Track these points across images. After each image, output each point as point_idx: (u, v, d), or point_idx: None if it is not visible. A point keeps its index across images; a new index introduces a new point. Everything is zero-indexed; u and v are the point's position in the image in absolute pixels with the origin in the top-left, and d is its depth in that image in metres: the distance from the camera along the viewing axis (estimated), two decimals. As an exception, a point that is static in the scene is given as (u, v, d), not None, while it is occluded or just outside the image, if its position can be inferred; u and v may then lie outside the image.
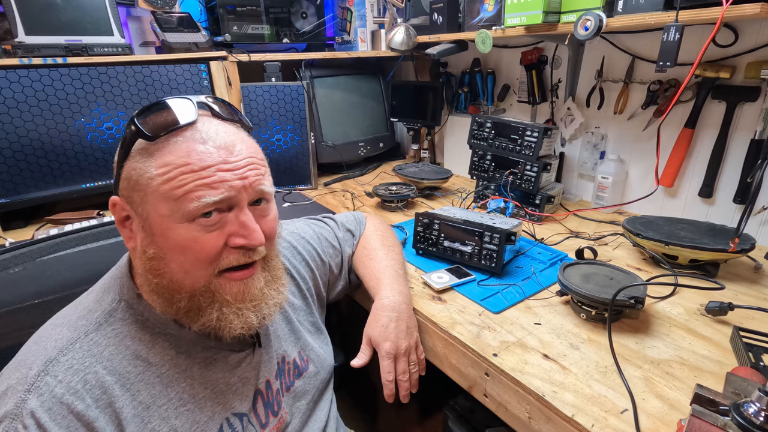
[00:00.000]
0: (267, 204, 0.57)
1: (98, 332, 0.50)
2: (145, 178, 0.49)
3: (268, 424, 0.62)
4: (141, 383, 0.51)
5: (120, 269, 0.56)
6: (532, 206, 1.23)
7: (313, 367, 0.72)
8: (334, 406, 0.79)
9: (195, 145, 0.50)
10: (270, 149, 1.51)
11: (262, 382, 0.62)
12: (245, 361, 0.61)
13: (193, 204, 0.48)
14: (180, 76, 1.35)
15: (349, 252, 0.88)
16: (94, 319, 0.51)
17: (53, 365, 0.46)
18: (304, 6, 1.63)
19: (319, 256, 0.81)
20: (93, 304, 0.54)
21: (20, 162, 1.16)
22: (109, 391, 0.48)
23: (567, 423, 0.57)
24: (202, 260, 0.51)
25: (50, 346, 0.48)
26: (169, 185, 0.48)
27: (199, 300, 0.52)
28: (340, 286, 0.86)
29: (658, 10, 0.88)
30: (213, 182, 0.49)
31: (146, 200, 0.50)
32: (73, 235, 0.81)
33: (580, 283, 0.77)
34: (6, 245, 0.83)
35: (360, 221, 0.94)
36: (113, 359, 0.50)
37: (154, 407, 0.51)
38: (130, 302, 0.53)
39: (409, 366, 0.74)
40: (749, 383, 0.51)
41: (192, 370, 0.55)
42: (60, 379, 0.46)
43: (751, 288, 0.87)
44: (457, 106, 1.72)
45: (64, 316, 0.53)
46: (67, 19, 1.19)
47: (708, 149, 1.08)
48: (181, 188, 0.48)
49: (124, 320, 0.52)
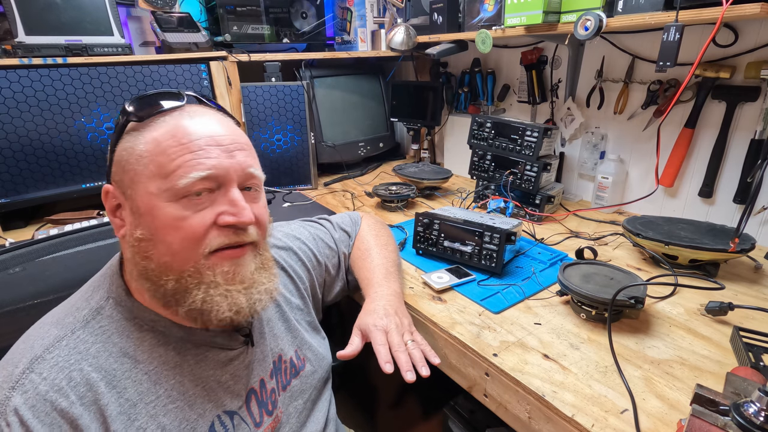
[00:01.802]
0: (257, 192, 0.57)
1: (85, 329, 0.50)
2: (134, 157, 0.50)
3: (262, 423, 0.61)
4: (128, 380, 0.50)
5: (110, 268, 0.56)
6: (532, 206, 1.23)
7: (310, 366, 0.72)
8: (332, 406, 0.79)
9: (182, 121, 0.51)
10: (270, 149, 1.51)
11: (255, 380, 0.62)
12: (237, 359, 0.60)
13: (182, 181, 0.48)
14: (180, 76, 1.35)
15: (346, 252, 0.88)
16: (82, 316, 0.51)
17: (38, 363, 0.47)
18: (304, 6, 1.63)
19: (315, 257, 0.81)
20: (81, 302, 0.53)
21: (20, 162, 1.16)
22: (95, 388, 0.48)
23: (567, 423, 0.57)
24: (190, 240, 0.50)
25: (37, 345, 0.48)
26: (158, 161, 0.49)
27: (186, 281, 0.51)
28: (338, 287, 0.86)
29: (658, 10, 0.88)
30: (201, 156, 0.49)
31: (136, 180, 0.50)
32: (72, 235, 0.81)
33: (580, 283, 0.77)
34: (6, 245, 0.83)
35: (355, 221, 0.93)
36: (99, 356, 0.49)
37: (141, 404, 0.50)
38: (118, 299, 0.53)
39: (407, 345, 0.68)
40: (749, 383, 0.51)
41: (182, 367, 0.55)
42: (45, 376, 0.46)
43: (751, 288, 0.87)
44: (457, 106, 1.72)
45: (53, 315, 0.53)
46: (67, 19, 1.19)
47: (708, 149, 1.08)
48: (169, 163, 0.49)
49: (112, 317, 0.52)
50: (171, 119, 0.51)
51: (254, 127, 1.48)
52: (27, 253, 0.76)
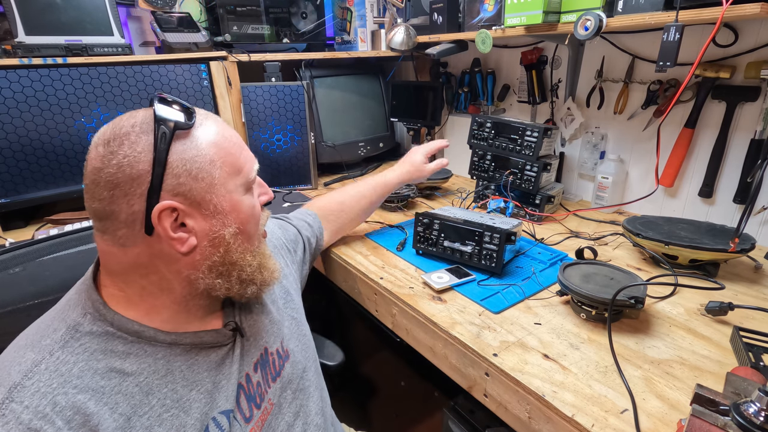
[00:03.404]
0: None
1: (64, 350, 0.48)
2: (206, 163, 0.53)
3: (252, 417, 0.61)
4: (119, 395, 0.49)
5: (84, 283, 0.54)
6: (532, 206, 1.23)
7: (294, 357, 0.72)
8: (325, 395, 0.79)
9: (216, 125, 0.56)
10: (270, 149, 1.51)
11: (242, 375, 0.62)
12: (228, 357, 0.60)
13: (252, 173, 0.58)
14: (180, 76, 1.35)
15: (308, 236, 0.93)
16: (59, 336, 0.49)
17: (18, 391, 0.44)
18: (304, 6, 1.63)
19: (286, 245, 0.84)
20: (56, 321, 0.51)
21: (20, 162, 1.16)
22: (83, 410, 0.46)
23: (567, 423, 0.57)
24: (257, 220, 0.60)
25: (14, 371, 0.46)
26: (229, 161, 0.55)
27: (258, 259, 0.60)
28: (304, 272, 0.91)
29: (658, 10, 0.88)
30: (244, 150, 0.58)
31: (214, 183, 0.53)
32: (72, 236, 0.81)
33: (580, 283, 0.77)
34: (6, 245, 0.83)
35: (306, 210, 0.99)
36: (84, 376, 0.47)
37: (135, 417, 0.49)
38: (97, 314, 0.51)
39: None
40: (749, 383, 0.51)
41: (173, 374, 0.53)
42: (26, 404, 0.43)
43: (751, 288, 0.87)
44: (457, 106, 1.72)
45: (26, 337, 0.51)
46: (67, 19, 1.19)
47: (708, 149, 1.08)
48: (237, 161, 0.56)
49: (92, 333, 0.50)
50: (205, 121, 0.55)
51: (254, 127, 1.48)
52: (27, 253, 0.76)
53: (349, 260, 1.02)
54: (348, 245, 1.10)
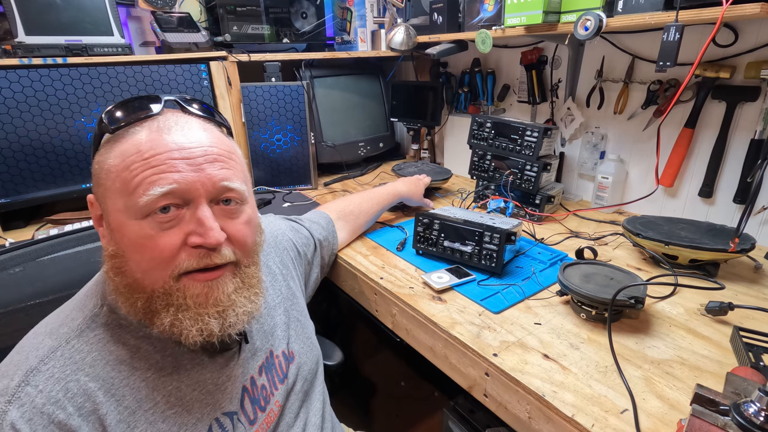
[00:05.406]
0: (238, 206, 0.53)
1: (80, 339, 0.49)
2: (104, 171, 0.49)
3: (256, 420, 0.61)
4: (126, 388, 0.50)
5: (103, 274, 0.55)
6: (532, 206, 1.23)
7: (300, 359, 0.72)
8: (326, 398, 0.79)
9: (150, 134, 0.48)
10: (270, 149, 1.51)
11: (247, 378, 0.62)
12: (233, 359, 0.60)
13: (143, 198, 0.46)
14: (180, 76, 1.35)
15: (320, 238, 0.92)
16: (76, 325, 0.50)
17: (34, 375, 0.46)
18: (304, 6, 1.63)
19: (296, 248, 0.84)
20: (75, 311, 0.52)
21: (20, 162, 1.16)
22: (93, 398, 0.47)
23: (567, 423, 0.57)
24: (158, 260, 0.47)
25: (32, 356, 0.48)
26: (122, 177, 0.47)
27: (156, 302, 0.49)
28: (314, 275, 0.90)
29: (658, 10, 0.88)
30: (164, 171, 0.46)
31: (106, 194, 0.49)
32: (72, 236, 0.81)
33: (580, 283, 0.77)
34: (6, 245, 0.83)
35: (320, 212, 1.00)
36: (96, 365, 0.49)
37: (140, 412, 0.50)
38: (112, 306, 0.52)
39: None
40: (749, 383, 0.51)
41: (179, 373, 0.54)
42: (41, 389, 0.45)
43: (751, 288, 0.87)
44: (457, 106, 1.72)
45: (47, 324, 0.52)
46: (67, 19, 1.19)
47: (708, 149, 1.08)
48: (133, 179, 0.46)
49: (107, 325, 0.51)
50: (142, 129, 0.49)
51: (254, 127, 1.48)
52: (27, 253, 0.76)
53: (349, 260, 1.02)
54: (348, 245, 1.10)
